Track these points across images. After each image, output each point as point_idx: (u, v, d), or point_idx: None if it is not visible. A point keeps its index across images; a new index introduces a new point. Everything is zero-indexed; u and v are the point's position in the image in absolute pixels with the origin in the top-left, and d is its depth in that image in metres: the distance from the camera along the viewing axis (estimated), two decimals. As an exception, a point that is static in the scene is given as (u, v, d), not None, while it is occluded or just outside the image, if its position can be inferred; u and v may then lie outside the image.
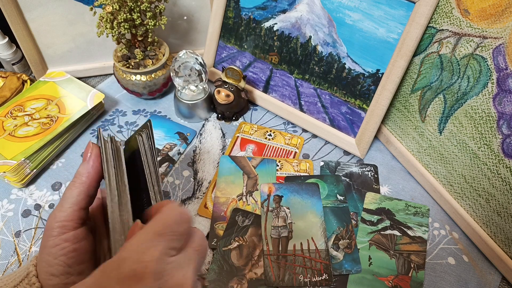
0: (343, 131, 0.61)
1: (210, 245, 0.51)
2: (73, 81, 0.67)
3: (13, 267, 0.49)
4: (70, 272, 0.32)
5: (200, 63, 0.60)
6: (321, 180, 0.57)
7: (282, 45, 0.62)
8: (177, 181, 0.58)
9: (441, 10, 0.49)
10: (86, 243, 0.33)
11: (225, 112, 0.66)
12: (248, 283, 0.47)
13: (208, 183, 0.58)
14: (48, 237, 0.32)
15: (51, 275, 0.31)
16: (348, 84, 0.58)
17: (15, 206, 0.55)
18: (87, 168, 0.33)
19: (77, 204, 0.33)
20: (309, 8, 0.58)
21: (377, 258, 0.49)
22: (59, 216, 0.32)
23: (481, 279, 0.49)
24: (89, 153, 0.34)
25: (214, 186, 0.57)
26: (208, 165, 0.60)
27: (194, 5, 0.69)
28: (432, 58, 0.51)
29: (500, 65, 0.43)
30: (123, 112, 0.68)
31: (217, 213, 0.54)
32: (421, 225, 0.52)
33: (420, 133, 0.55)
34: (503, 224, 0.47)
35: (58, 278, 0.31)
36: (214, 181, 0.58)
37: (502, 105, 0.43)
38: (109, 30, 0.58)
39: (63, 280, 0.31)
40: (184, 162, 0.60)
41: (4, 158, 0.55)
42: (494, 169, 0.46)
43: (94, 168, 0.33)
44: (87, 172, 0.33)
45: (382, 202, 0.55)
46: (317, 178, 0.58)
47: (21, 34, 0.65)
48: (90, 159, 0.34)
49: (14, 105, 0.62)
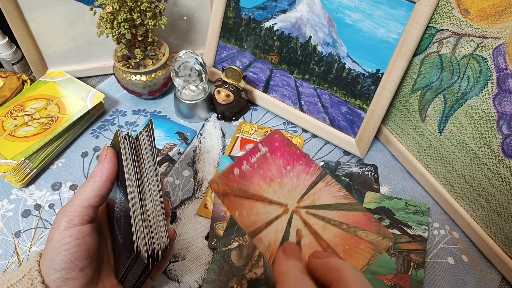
0: (343, 131, 0.61)
1: (210, 245, 0.51)
2: (73, 81, 0.67)
3: (13, 267, 0.49)
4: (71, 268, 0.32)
5: (200, 63, 0.60)
6: (321, 180, 0.57)
7: (282, 45, 0.62)
8: (177, 181, 0.58)
9: (441, 10, 0.49)
10: (90, 240, 0.34)
11: (225, 112, 0.66)
12: (248, 283, 0.47)
13: (208, 183, 0.58)
14: (55, 231, 0.33)
15: (53, 269, 0.32)
16: (348, 84, 0.58)
17: (15, 206, 0.55)
18: (101, 169, 0.35)
19: (87, 201, 0.34)
20: (309, 8, 0.58)
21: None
22: (67, 211, 0.33)
23: (481, 279, 0.49)
24: (104, 155, 0.36)
25: (214, 186, 0.57)
26: (208, 165, 0.60)
27: (194, 5, 0.69)
28: (432, 58, 0.51)
29: (500, 65, 0.43)
30: (123, 112, 0.68)
31: (217, 213, 0.54)
32: (421, 223, 0.52)
33: (420, 133, 0.55)
34: (503, 224, 0.47)
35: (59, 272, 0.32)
36: (214, 181, 0.58)
37: (502, 105, 0.43)
38: (109, 30, 0.58)
39: (63, 274, 0.32)
40: (184, 162, 0.60)
41: (4, 158, 0.55)
42: (494, 169, 0.46)
43: (107, 169, 0.35)
44: (101, 173, 0.35)
45: (382, 201, 0.55)
46: (317, 178, 0.58)
47: (21, 34, 0.65)
48: (104, 161, 0.35)
49: (14, 105, 0.62)
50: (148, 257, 0.33)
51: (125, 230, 0.34)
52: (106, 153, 0.36)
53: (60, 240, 0.32)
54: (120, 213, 0.35)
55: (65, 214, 0.33)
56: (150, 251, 0.33)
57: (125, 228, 0.34)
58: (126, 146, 0.36)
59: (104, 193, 0.35)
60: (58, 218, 0.33)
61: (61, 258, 0.32)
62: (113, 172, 0.35)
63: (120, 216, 0.35)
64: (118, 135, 0.36)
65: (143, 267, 0.34)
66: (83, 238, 0.33)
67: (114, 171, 0.36)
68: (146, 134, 0.38)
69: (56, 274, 0.32)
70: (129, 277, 0.36)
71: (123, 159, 0.35)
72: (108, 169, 0.35)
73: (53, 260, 0.32)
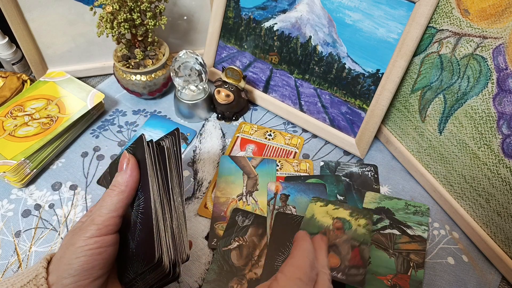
0: (343, 131, 0.61)
1: (210, 245, 0.51)
2: (73, 81, 0.67)
3: (13, 267, 0.49)
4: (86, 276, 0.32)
5: (200, 63, 0.60)
6: (321, 180, 0.57)
7: (282, 45, 0.62)
8: (177, 181, 0.58)
9: (441, 10, 0.49)
10: (111, 250, 0.34)
11: (225, 112, 0.66)
12: (248, 283, 0.47)
13: (208, 183, 0.58)
14: (79, 236, 0.32)
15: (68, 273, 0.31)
16: (348, 84, 0.58)
17: (15, 206, 0.55)
18: (126, 178, 0.35)
19: (115, 211, 0.34)
20: (309, 8, 0.58)
21: (376, 257, 0.49)
22: (97, 220, 0.33)
23: (481, 279, 0.49)
24: (125, 163, 0.35)
25: (214, 186, 0.57)
26: (208, 165, 0.60)
27: (194, 5, 0.69)
28: (432, 58, 0.51)
29: (500, 65, 0.43)
30: (123, 112, 0.68)
31: (217, 213, 0.54)
32: (420, 224, 0.52)
33: (420, 133, 0.55)
34: (503, 224, 0.47)
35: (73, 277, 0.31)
36: (214, 181, 0.58)
37: (502, 105, 0.43)
38: (109, 30, 0.58)
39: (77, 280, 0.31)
40: (184, 162, 0.60)
41: (4, 158, 0.55)
42: (494, 169, 0.46)
43: (132, 177, 0.35)
44: (126, 181, 0.35)
45: (382, 201, 0.55)
46: (317, 178, 0.58)
47: (21, 34, 0.65)
48: (127, 169, 0.35)
49: (14, 105, 0.62)
50: (170, 267, 0.33)
51: (141, 237, 0.33)
52: (129, 161, 0.35)
53: (84, 246, 0.32)
54: (137, 219, 0.35)
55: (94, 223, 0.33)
56: (172, 262, 0.33)
57: (142, 235, 0.33)
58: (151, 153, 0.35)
59: (129, 202, 0.35)
60: (86, 225, 0.33)
61: (79, 263, 0.31)
62: (137, 181, 0.35)
63: (136, 222, 0.35)
64: (143, 141, 0.36)
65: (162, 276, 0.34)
66: (106, 247, 0.33)
67: (138, 180, 0.35)
68: (170, 142, 0.38)
69: (70, 279, 0.31)
70: (139, 284, 0.35)
71: (147, 167, 0.35)
72: (133, 177, 0.35)
73: (69, 264, 0.31)
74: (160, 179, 0.36)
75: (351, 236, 0.48)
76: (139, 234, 0.34)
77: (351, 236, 0.48)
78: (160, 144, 0.38)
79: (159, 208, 0.34)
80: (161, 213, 0.34)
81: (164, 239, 0.33)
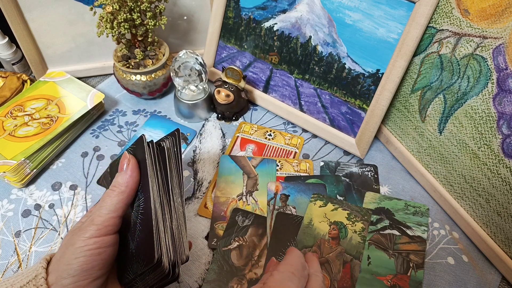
0: (343, 131, 0.61)
1: (210, 245, 0.51)
2: (73, 81, 0.67)
3: (13, 267, 0.49)
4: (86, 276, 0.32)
5: (200, 63, 0.60)
6: (321, 180, 0.57)
7: (282, 45, 0.62)
8: (177, 181, 0.58)
9: (441, 10, 0.49)
10: (111, 250, 0.34)
11: (225, 112, 0.66)
12: (248, 283, 0.47)
13: (208, 183, 0.58)
14: (79, 237, 0.32)
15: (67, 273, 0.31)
16: (348, 84, 0.58)
17: (15, 206, 0.55)
18: (126, 178, 0.35)
19: (115, 212, 0.34)
20: (309, 8, 0.58)
21: (376, 258, 0.49)
22: (97, 220, 0.33)
23: (481, 279, 0.49)
24: (125, 163, 0.36)
25: (214, 186, 0.57)
26: (208, 165, 0.60)
27: (194, 5, 0.69)
28: (432, 58, 0.51)
29: (500, 65, 0.43)
30: (123, 112, 0.68)
31: (217, 213, 0.54)
32: (420, 224, 0.52)
33: (420, 133, 0.55)
34: (503, 224, 0.47)
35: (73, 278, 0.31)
36: (214, 181, 0.58)
37: (502, 105, 0.43)
38: (109, 30, 0.58)
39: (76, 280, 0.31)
40: (184, 162, 0.60)
41: (4, 158, 0.55)
42: (494, 169, 0.46)
43: (133, 178, 0.35)
44: (126, 182, 0.35)
45: (382, 201, 0.55)
46: (317, 178, 0.58)
47: (21, 34, 0.65)
48: (128, 170, 0.35)
49: (14, 105, 0.62)
50: (169, 268, 0.33)
51: (141, 237, 0.34)
52: (129, 162, 0.35)
53: (83, 246, 0.32)
54: (137, 219, 0.35)
55: (94, 223, 0.33)
56: (171, 262, 0.33)
57: (142, 236, 0.34)
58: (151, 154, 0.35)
59: (129, 203, 0.35)
60: (85, 225, 0.33)
61: (79, 264, 0.31)
62: (137, 181, 0.35)
63: (136, 222, 0.35)
64: (144, 142, 0.36)
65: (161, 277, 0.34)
66: (105, 248, 0.33)
67: (138, 180, 0.35)
68: (170, 142, 0.38)
69: (69, 280, 0.31)
70: (138, 285, 0.35)
71: (147, 167, 0.35)
72: (133, 178, 0.35)
73: (69, 264, 0.31)
74: (160, 179, 0.36)
75: (345, 247, 0.48)
76: (139, 235, 0.34)
77: (345, 247, 0.48)
78: (161, 145, 0.38)
79: (159, 208, 0.34)
80: (161, 213, 0.34)
81: (164, 239, 0.33)
